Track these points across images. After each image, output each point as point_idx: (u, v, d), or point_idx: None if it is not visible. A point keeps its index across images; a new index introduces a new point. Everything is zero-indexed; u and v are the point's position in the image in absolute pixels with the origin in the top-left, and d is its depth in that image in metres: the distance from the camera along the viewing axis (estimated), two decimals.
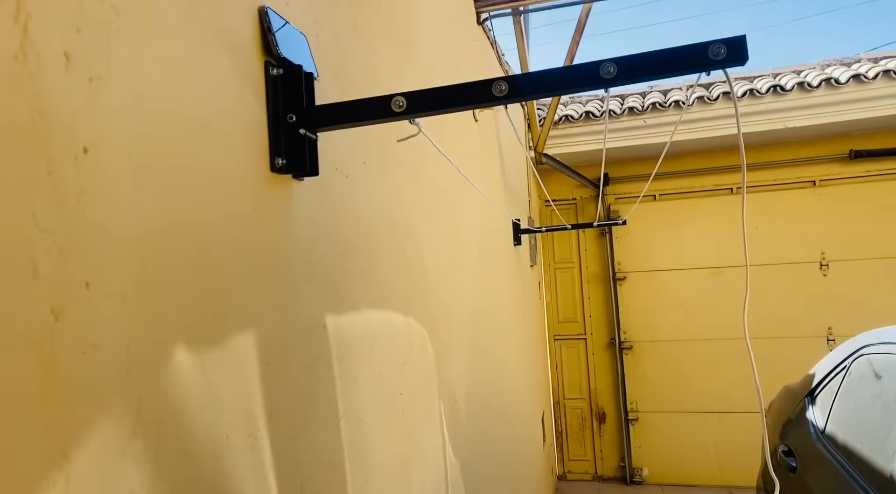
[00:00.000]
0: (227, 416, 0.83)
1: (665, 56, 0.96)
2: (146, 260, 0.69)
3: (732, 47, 0.91)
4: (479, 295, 2.88)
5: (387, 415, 1.51)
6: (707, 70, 0.94)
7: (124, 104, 0.68)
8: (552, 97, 1.09)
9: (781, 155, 5.85)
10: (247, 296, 0.91)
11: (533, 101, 4.49)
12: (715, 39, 0.92)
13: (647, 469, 6.35)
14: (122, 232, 0.66)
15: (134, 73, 0.70)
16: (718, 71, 0.96)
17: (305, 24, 1.18)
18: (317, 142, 1.07)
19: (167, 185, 0.74)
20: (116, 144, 0.66)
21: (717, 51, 0.92)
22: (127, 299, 0.66)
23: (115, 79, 0.66)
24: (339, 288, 1.26)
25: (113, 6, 0.67)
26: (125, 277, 0.66)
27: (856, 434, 2.33)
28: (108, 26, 0.66)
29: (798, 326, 5.82)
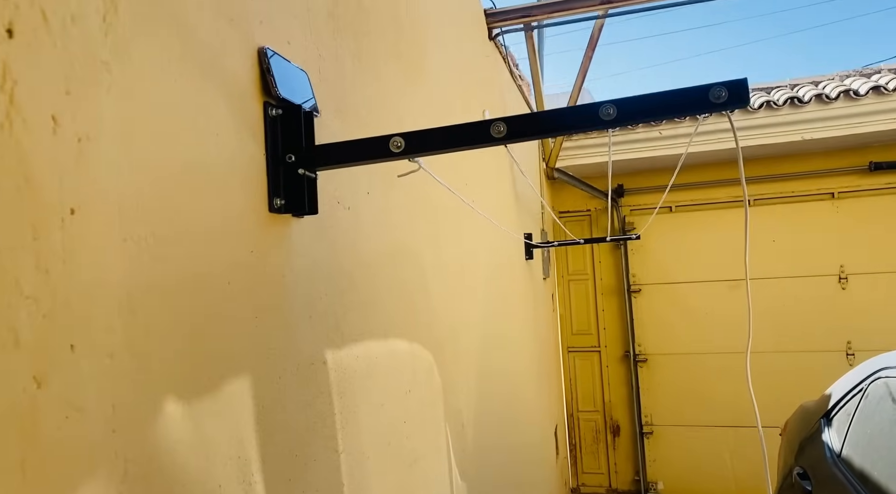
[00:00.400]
0: (220, 465, 0.83)
1: (665, 99, 0.95)
2: (135, 316, 0.69)
3: (734, 90, 0.90)
4: (488, 313, 2.87)
5: (390, 445, 1.50)
6: (708, 112, 0.92)
7: (115, 160, 0.68)
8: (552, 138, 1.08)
9: (799, 167, 5.78)
10: (243, 341, 0.91)
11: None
12: (716, 82, 0.90)
13: (662, 482, 6.28)
14: (110, 289, 0.66)
15: (126, 127, 0.70)
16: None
17: (307, 60, 1.18)
18: (316, 180, 1.07)
19: (159, 236, 0.74)
20: (106, 201, 0.66)
21: (719, 94, 0.90)
22: (114, 357, 0.66)
23: (106, 136, 0.67)
24: (339, 322, 1.26)
25: (104, 64, 0.67)
26: (112, 336, 0.66)
27: (873, 460, 2.28)
28: (99, 85, 0.66)
29: (817, 340, 5.73)
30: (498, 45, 3.56)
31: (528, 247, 4.30)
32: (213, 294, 0.84)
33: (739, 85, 0.90)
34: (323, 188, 1.23)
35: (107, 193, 0.66)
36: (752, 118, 5.24)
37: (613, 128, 0.96)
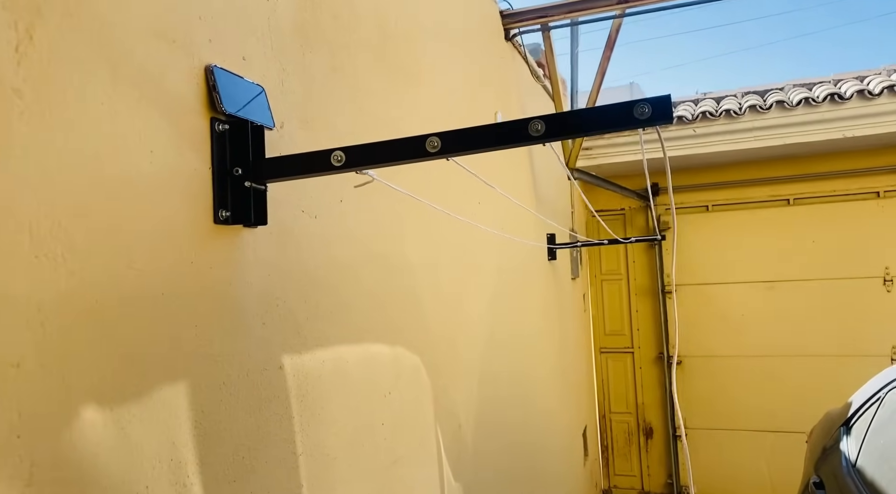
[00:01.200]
0: (148, 468, 0.87)
1: (592, 115, 0.95)
2: (45, 327, 0.74)
3: (657, 107, 0.90)
4: (497, 314, 2.88)
5: (363, 446, 1.53)
6: (633, 128, 0.92)
7: (26, 181, 0.72)
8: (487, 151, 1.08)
9: (841, 165, 5.58)
10: (180, 349, 0.96)
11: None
12: (640, 99, 0.90)
13: (695, 486, 6.17)
14: (16, 303, 0.70)
15: (40, 149, 0.75)
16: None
17: (266, 75, 1.22)
18: (265, 192, 1.10)
19: (78, 251, 0.79)
20: (14, 221, 0.71)
21: (643, 110, 0.90)
22: (21, 366, 0.71)
23: (16, 158, 0.71)
24: (301, 327, 1.29)
25: (15, 90, 0.72)
26: (20, 346, 0.71)
27: (883, 471, 2.21)
28: (10, 110, 0.71)
29: (860, 344, 5.54)
30: (516, 46, 3.56)
31: (551, 249, 4.28)
32: (143, 304, 0.89)
33: (663, 101, 0.90)
34: (286, 198, 1.27)
35: (15, 213, 0.71)
36: (790, 115, 5.09)
37: (542, 142, 0.96)
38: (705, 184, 6.06)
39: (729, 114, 5.28)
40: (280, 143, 1.24)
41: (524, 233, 3.44)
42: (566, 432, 4.67)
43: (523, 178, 3.69)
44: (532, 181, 3.89)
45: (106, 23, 0.86)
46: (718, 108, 5.38)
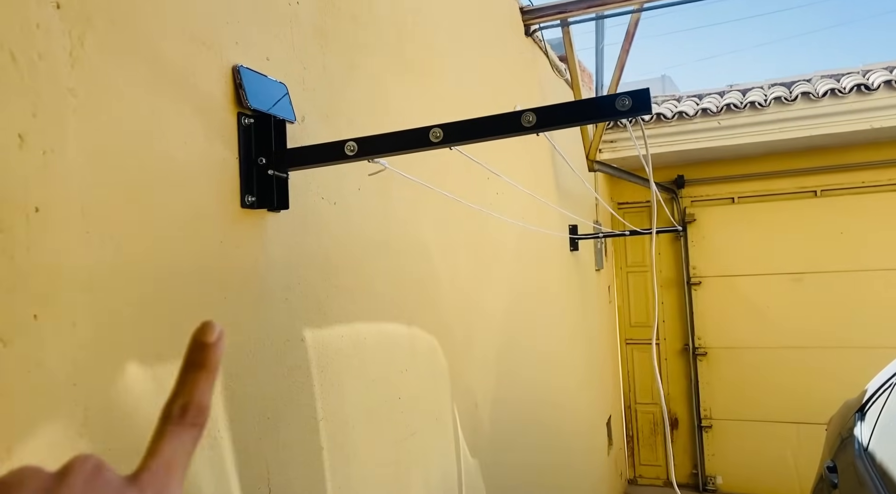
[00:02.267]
0: None
1: (579, 107, 1.05)
2: (96, 293, 0.86)
3: (637, 99, 0.99)
4: (516, 301, 2.97)
5: (380, 418, 1.65)
6: (615, 119, 1.02)
7: (79, 168, 0.85)
8: (477, 143, 1.14)
9: (869, 156, 5.54)
10: (211, 317, 1.08)
11: None
12: (622, 92, 1.00)
13: (720, 477, 6.20)
14: (72, 271, 0.83)
15: (92, 141, 0.87)
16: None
17: (289, 73, 1.34)
18: (287, 180, 1.22)
19: (124, 229, 0.91)
20: (69, 201, 0.83)
21: (623, 102, 0.99)
22: (76, 325, 0.83)
23: (71, 148, 0.84)
24: (322, 304, 1.41)
25: (70, 90, 0.84)
26: (75, 308, 0.83)
27: (890, 454, 2.26)
28: (65, 107, 0.83)
29: (885, 337, 5.49)
30: (537, 41, 3.64)
31: (573, 240, 4.36)
32: (178, 277, 1.01)
33: (642, 94, 0.99)
34: (307, 186, 1.39)
35: (70, 195, 0.83)
36: (815, 106, 5.07)
37: (534, 133, 1.06)
38: (731, 176, 6.06)
39: (754, 106, 5.27)
40: (302, 136, 1.36)
41: (545, 224, 3.53)
42: (589, 421, 4.75)
43: (544, 170, 3.77)
44: (553, 173, 3.96)
45: (146, 29, 0.98)
46: (744, 100, 5.38)
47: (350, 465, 1.49)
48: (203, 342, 0.44)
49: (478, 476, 2.33)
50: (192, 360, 0.44)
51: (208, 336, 0.45)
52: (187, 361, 0.44)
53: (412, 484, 1.81)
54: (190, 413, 0.43)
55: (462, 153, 1.31)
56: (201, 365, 0.44)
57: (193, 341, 0.45)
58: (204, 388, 0.44)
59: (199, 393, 0.43)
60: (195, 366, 0.44)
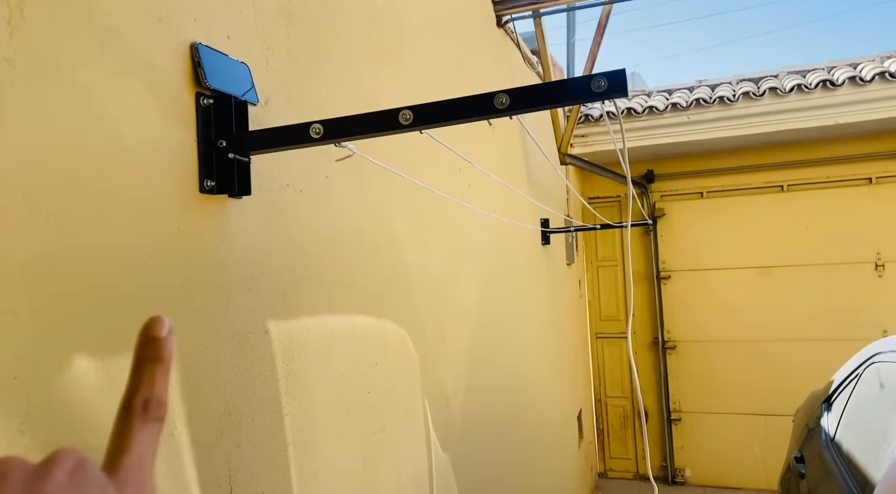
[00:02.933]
0: None
1: (552, 88, 1.01)
2: (40, 279, 0.80)
3: (613, 80, 0.95)
4: (487, 296, 2.94)
5: (350, 412, 1.60)
6: (591, 101, 0.98)
7: (19, 145, 0.79)
8: (449, 125, 1.10)
9: (834, 151, 5.64)
10: (167, 308, 1.02)
11: None
12: (598, 73, 0.96)
13: (689, 469, 6.27)
14: (12, 255, 0.77)
15: (34, 116, 0.81)
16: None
17: (252, 53, 1.28)
18: (248, 164, 1.17)
19: (70, 212, 0.85)
20: (8, 181, 0.77)
21: (599, 84, 0.96)
22: (17, 314, 0.77)
23: (9, 123, 0.78)
24: (287, 295, 1.36)
25: (8, 60, 0.78)
26: (16, 295, 0.77)
27: (857, 444, 2.28)
28: (2, 78, 0.77)
29: (851, 329, 5.60)
30: (508, 33, 3.60)
31: (544, 233, 4.35)
32: (131, 265, 0.95)
33: (618, 75, 0.95)
34: (271, 172, 1.33)
35: (9, 174, 0.77)
36: (783, 102, 5.13)
37: (507, 115, 1.02)
38: (700, 170, 6.12)
39: (723, 100, 5.32)
40: (266, 119, 1.30)
41: (517, 217, 3.50)
42: (560, 415, 4.75)
43: (516, 163, 3.74)
44: (525, 166, 3.94)
45: (95, 0, 0.92)
46: (713, 95, 5.42)
47: (318, 461, 1.44)
48: (154, 336, 0.45)
49: (449, 470, 2.30)
50: (145, 355, 0.44)
51: (158, 330, 0.45)
52: (140, 356, 0.44)
53: (382, 480, 1.77)
54: (152, 407, 0.43)
55: (432, 137, 1.26)
56: (155, 358, 0.44)
57: (143, 336, 0.45)
58: (162, 381, 0.44)
59: (158, 385, 0.44)
60: (149, 360, 0.44)
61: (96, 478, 0.37)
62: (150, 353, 0.44)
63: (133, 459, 0.41)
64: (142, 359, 0.44)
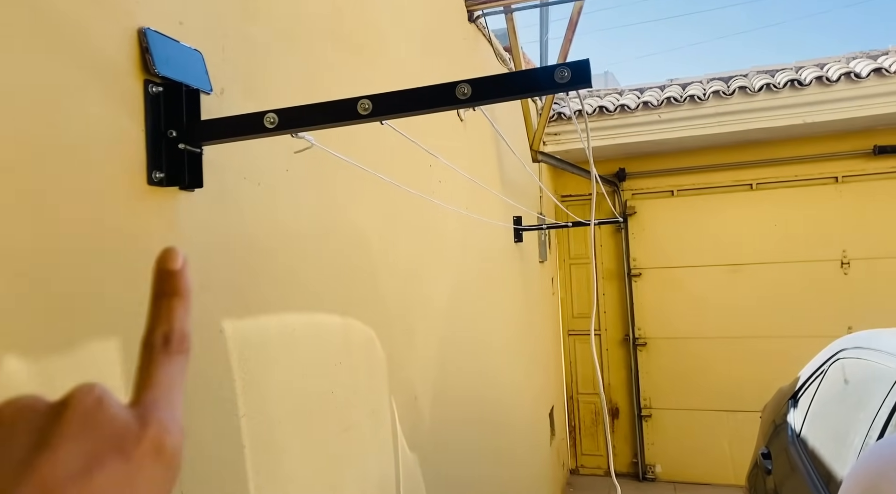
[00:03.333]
0: None
1: (515, 79, 0.98)
2: None
3: (577, 71, 0.93)
4: (458, 293, 2.91)
5: (312, 413, 1.56)
6: (554, 92, 0.95)
7: None
8: (410, 116, 1.07)
9: (802, 150, 5.71)
10: (111, 304, 0.97)
11: (527, 100, 4.47)
12: (561, 63, 0.93)
13: (660, 465, 6.31)
14: None
15: None
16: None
17: (206, 40, 1.23)
18: (200, 155, 1.12)
19: (3, 202, 0.80)
20: None
21: (563, 74, 0.93)
22: None
23: None
24: (244, 293, 1.31)
25: None
26: None
27: (822, 440, 2.29)
28: None
29: (817, 325, 5.68)
30: (480, 28, 3.57)
31: (517, 230, 4.33)
32: (72, 260, 0.90)
33: (581, 66, 0.93)
34: (227, 164, 1.28)
35: None
36: (752, 101, 5.18)
37: (469, 106, 0.99)
38: (671, 169, 6.16)
39: (693, 99, 5.36)
40: (221, 109, 1.25)
41: (489, 215, 3.48)
42: (532, 412, 4.74)
43: (488, 160, 3.72)
44: (498, 163, 3.92)
45: None
46: (684, 94, 5.46)
47: (278, 463, 1.39)
48: (168, 270, 0.43)
49: (417, 469, 2.26)
50: (162, 289, 0.43)
51: (172, 263, 0.43)
52: (157, 291, 0.43)
53: (346, 480, 1.72)
54: (174, 340, 0.42)
55: (393, 128, 1.23)
56: (173, 292, 0.43)
57: (158, 270, 0.43)
58: (181, 315, 0.43)
59: (178, 319, 0.42)
60: (167, 294, 0.43)
61: (115, 418, 0.35)
62: (166, 288, 0.43)
63: (158, 393, 0.39)
64: (158, 294, 0.43)
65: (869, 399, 2.01)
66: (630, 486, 6.28)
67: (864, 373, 2.19)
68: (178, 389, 0.42)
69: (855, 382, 2.23)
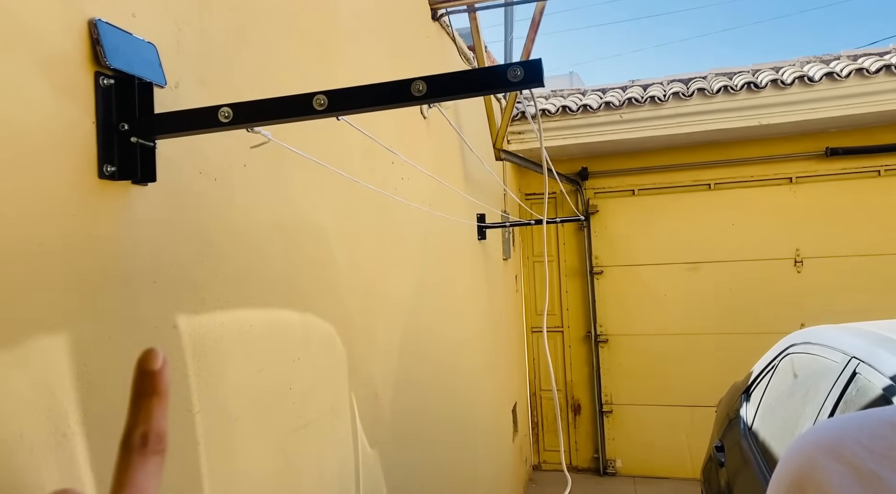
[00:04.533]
0: (22, 415, 0.88)
1: (469, 77, 0.99)
2: None
3: (529, 70, 0.94)
4: (421, 290, 2.92)
5: (269, 408, 1.55)
6: (507, 90, 0.97)
7: None
8: (366, 112, 1.08)
9: (758, 151, 5.85)
10: (60, 300, 0.96)
11: (490, 96, 4.50)
12: (514, 62, 0.95)
13: (620, 460, 6.41)
14: None
15: None
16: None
17: (160, 33, 1.21)
18: (154, 149, 1.11)
19: None
20: None
21: (515, 73, 0.95)
22: None
23: None
24: (199, 289, 1.30)
25: None
26: None
27: (772, 432, 2.36)
28: None
29: (772, 322, 5.82)
30: (444, 26, 3.58)
31: (480, 228, 4.35)
32: (16, 255, 0.89)
33: (534, 65, 0.94)
34: (181, 159, 1.27)
35: None
36: (710, 102, 5.29)
37: (424, 103, 1.00)
38: (632, 168, 6.25)
39: (654, 100, 5.45)
40: (176, 103, 1.24)
41: (452, 212, 3.49)
42: (495, 408, 4.77)
43: (451, 158, 3.73)
44: (461, 161, 3.93)
45: None
46: (645, 95, 5.54)
47: (233, 459, 1.39)
48: (149, 370, 0.45)
49: (377, 466, 2.27)
50: (142, 389, 0.45)
51: (152, 363, 0.46)
52: (137, 390, 0.45)
53: (304, 478, 1.72)
54: (151, 440, 0.44)
55: (351, 124, 1.23)
56: (152, 391, 0.45)
57: (139, 370, 0.45)
58: (159, 414, 0.45)
59: (156, 419, 0.45)
60: (146, 394, 0.45)
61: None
62: (146, 387, 0.45)
63: None
64: (138, 393, 0.45)
65: (815, 391, 2.08)
66: (591, 481, 6.37)
67: (811, 367, 2.27)
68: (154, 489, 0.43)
69: (803, 376, 2.30)
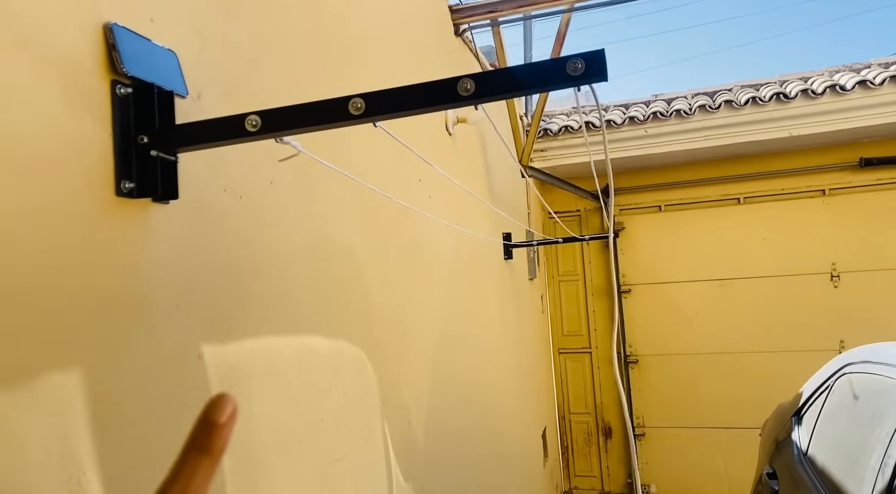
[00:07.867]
0: (32, 463, 0.78)
1: (524, 72, 0.89)
2: None
3: (591, 62, 0.84)
4: (450, 311, 2.81)
5: (300, 443, 1.44)
6: (567, 86, 0.86)
7: None
8: (407, 116, 1.01)
9: (789, 163, 5.70)
10: (75, 329, 0.86)
11: (517, 115, 4.42)
12: (573, 54, 0.85)
13: (654, 485, 6.19)
14: None
15: None
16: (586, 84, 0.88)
17: (181, 40, 1.13)
18: (176, 163, 1.01)
19: None
20: None
21: (576, 66, 0.84)
22: None
23: None
24: (226, 314, 1.20)
25: None
26: None
27: (833, 459, 2.20)
28: None
29: (809, 340, 5.63)
30: (466, 42, 3.51)
31: (507, 247, 4.24)
32: (28, 279, 0.79)
33: (597, 56, 0.84)
34: (204, 175, 1.18)
35: None
36: (738, 115, 5.17)
37: (473, 103, 0.90)
38: (658, 184, 6.12)
39: (679, 114, 5.33)
40: (199, 115, 1.15)
41: (479, 231, 3.39)
42: (525, 433, 4.62)
43: (477, 175, 3.64)
44: (486, 178, 3.84)
45: None
46: (669, 109, 5.43)
47: None
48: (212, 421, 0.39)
49: None
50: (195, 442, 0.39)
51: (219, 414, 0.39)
52: (190, 441, 0.40)
53: None
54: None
55: (385, 130, 1.13)
56: (205, 448, 0.39)
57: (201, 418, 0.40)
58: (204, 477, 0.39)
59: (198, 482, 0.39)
60: (198, 448, 0.39)
61: None
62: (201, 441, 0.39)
63: None
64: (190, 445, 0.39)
65: (882, 415, 1.93)
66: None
67: (874, 388, 2.11)
68: None
69: (865, 397, 2.15)
